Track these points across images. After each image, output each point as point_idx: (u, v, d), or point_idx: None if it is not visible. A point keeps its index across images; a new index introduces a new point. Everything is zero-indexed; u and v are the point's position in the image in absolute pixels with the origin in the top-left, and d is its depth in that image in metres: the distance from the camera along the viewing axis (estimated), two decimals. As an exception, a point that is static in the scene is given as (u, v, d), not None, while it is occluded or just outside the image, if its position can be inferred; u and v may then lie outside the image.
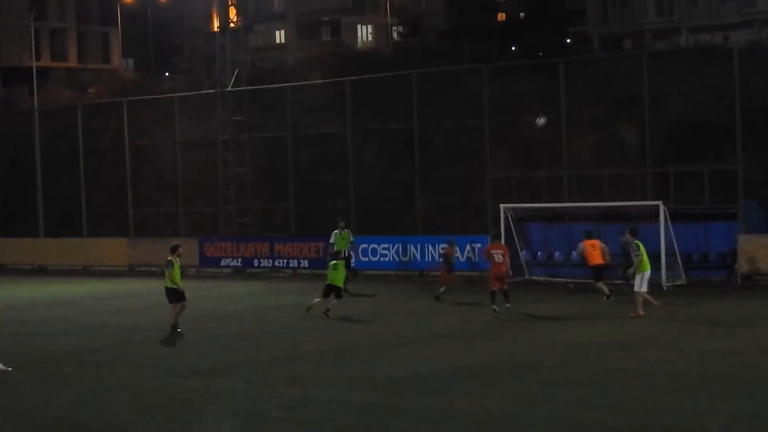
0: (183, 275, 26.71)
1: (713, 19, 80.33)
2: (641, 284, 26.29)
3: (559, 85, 36.71)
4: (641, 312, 26.05)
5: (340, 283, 27.94)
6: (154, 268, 44.30)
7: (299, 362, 21.15)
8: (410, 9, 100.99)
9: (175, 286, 25.72)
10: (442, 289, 30.86)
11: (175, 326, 25.56)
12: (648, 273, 26.46)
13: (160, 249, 44.03)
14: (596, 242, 30.26)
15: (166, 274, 25.97)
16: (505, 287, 28.01)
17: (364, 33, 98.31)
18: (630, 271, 27.19)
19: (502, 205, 35.56)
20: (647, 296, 26.36)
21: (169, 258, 26.06)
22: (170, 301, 25.80)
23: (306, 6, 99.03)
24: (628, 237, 28.69)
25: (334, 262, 28.47)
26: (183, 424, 16.27)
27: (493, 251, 28.30)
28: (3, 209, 52.77)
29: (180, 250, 26.78)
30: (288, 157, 43.25)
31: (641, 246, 26.51)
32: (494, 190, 37.76)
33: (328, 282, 27.89)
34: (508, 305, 27.68)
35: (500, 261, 27.94)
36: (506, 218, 35.39)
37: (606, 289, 29.53)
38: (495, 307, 27.54)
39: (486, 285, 28.85)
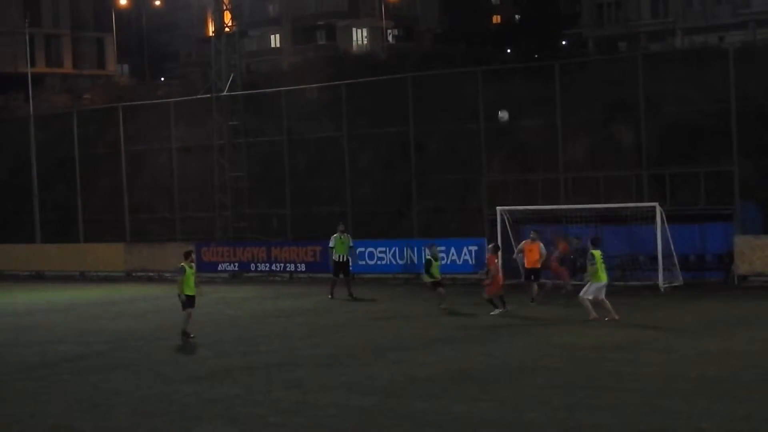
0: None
1: (708, 21, 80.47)
2: (587, 291, 25.88)
3: (554, 88, 36.74)
4: (594, 315, 25.74)
5: (435, 277, 29.65)
6: (151, 274, 44.39)
7: (297, 367, 21.13)
8: (405, 12, 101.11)
9: (180, 293, 25.47)
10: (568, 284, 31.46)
11: (185, 333, 25.35)
12: (601, 284, 25.85)
13: (156, 254, 44.25)
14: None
15: (179, 280, 25.67)
16: (502, 293, 28.39)
17: (360, 37, 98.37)
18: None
19: (498, 208, 35.57)
20: (587, 303, 25.81)
21: (182, 264, 25.79)
22: (183, 308, 25.59)
23: (301, 10, 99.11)
24: (572, 240, 31.07)
25: (428, 258, 29.72)
26: (180, 430, 16.25)
27: (497, 260, 28.60)
28: (-1, 215, 52.78)
29: (193, 255, 26.38)
30: (284, 162, 43.26)
31: (597, 255, 25.93)
32: (490, 193, 37.81)
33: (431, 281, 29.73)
34: (507, 308, 28.03)
35: (499, 270, 28.53)
36: (503, 221, 35.42)
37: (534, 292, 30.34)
38: (505, 308, 28.02)
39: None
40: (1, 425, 17.03)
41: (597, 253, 26.05)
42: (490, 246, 30.16)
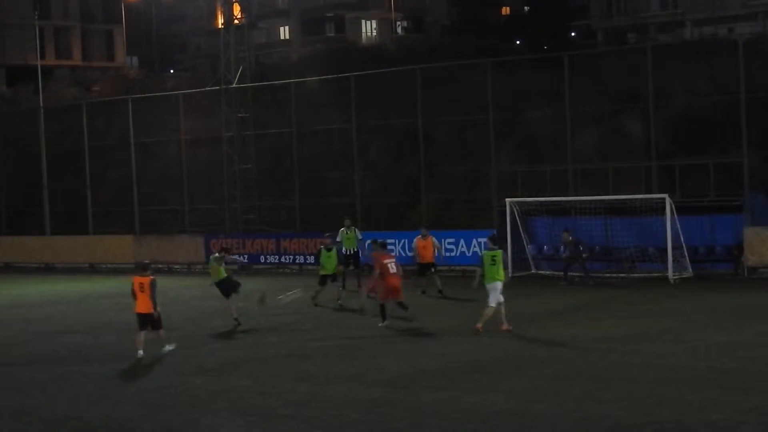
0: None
1: (717, 12, 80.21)
2: (491, 298, 23.27)
3: (563, 79, 36.69)
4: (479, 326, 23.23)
5: (330, 271, 29.52)
6: (161, 265, 44.41)
7: (305, 358, 21.15)
8: (414, 4, 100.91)
9: (216, 278, 26.02)
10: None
11: (237, 319, 25.72)
12: (497, 284, 23.26)
13: (166, 246, 44.35)
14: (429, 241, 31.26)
15: (214, 267, 26.16)
16: (400, 298, 25.19)
17: (368, 28, 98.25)
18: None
19: (507, 200, 35.60)
20: (489, 314, 23.28)
21: (216, 254, 26.45)
22: (226, 296, 25.96)
23: (310, 2, 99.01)
24: (567, 236, 31.09)
25: (327, 252, 29.67)
26: (190, 422, 16.28)
27: (386, 261, 24.96)
28: (9, 208, 52.93)
29: (226, 255, 26.75)
30: (293, 154, 43.30)
31: (486, 256, 23.32)
32: (499, 185, 37.80)
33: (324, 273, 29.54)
34: (386, 322, 24.89)
35: (395, 272, 24.88)
36: (512, 213, 35.41)
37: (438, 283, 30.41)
38: (384, 322, 24.83)
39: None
40: (11, 416, 17.09)
41: (486, 254, 23.48)
42: (371, 243, 26.80)
